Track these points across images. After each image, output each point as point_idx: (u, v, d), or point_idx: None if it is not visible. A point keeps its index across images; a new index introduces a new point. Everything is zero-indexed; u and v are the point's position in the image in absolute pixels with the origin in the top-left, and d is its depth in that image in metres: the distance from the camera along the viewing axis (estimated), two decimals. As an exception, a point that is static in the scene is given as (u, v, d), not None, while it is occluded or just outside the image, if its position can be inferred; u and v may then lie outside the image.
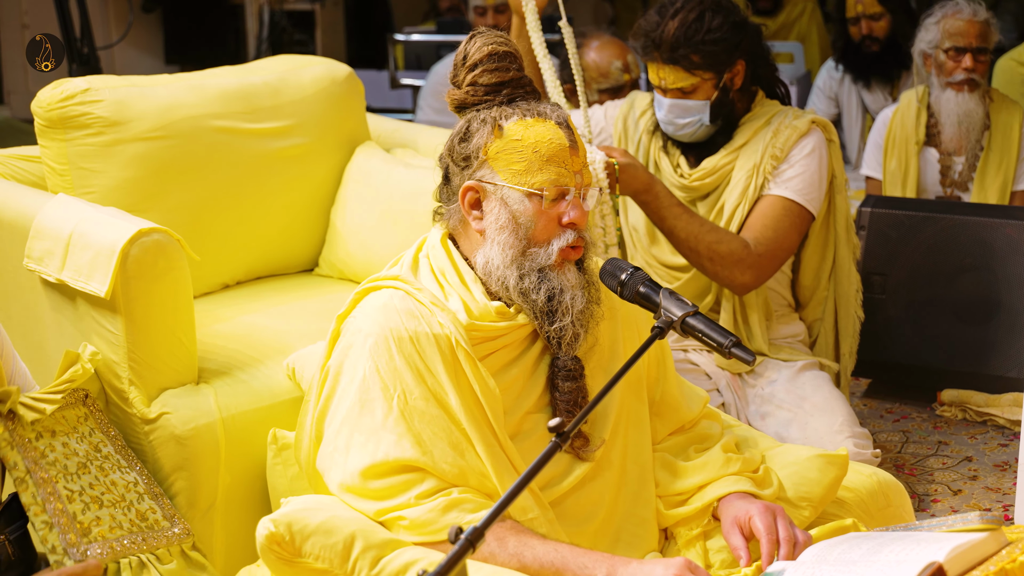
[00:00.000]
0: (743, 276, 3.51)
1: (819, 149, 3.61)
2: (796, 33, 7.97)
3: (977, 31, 4.86)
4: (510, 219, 2.40)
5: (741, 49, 3.58)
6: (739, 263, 3.49)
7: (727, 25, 3.55)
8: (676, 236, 3.50)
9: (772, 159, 3.58)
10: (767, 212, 3.57)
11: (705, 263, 3.51)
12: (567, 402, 2.45)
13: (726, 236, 3.50)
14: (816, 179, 3.60)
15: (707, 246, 3.48)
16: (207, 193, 3.39)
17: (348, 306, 2.50)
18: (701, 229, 3.48)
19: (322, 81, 3.66)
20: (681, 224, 3.48)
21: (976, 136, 4.90)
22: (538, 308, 2.41)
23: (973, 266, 4.43)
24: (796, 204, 3.58)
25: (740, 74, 3.61)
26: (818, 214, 3.67)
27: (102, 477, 2.55)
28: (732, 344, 2.26)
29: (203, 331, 3.12)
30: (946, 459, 4.12)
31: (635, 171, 3.44)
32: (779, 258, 3.57)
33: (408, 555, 2.25)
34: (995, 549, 2.06)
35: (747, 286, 3.55)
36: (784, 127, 3.61)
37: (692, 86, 3.58)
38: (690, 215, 3.49)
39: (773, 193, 3.58)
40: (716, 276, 3.54)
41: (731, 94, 3.62)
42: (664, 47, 3.55)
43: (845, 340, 3.86)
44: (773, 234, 3.55)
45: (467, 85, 2.49)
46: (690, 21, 3.53)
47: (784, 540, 2.33)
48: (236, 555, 2.89)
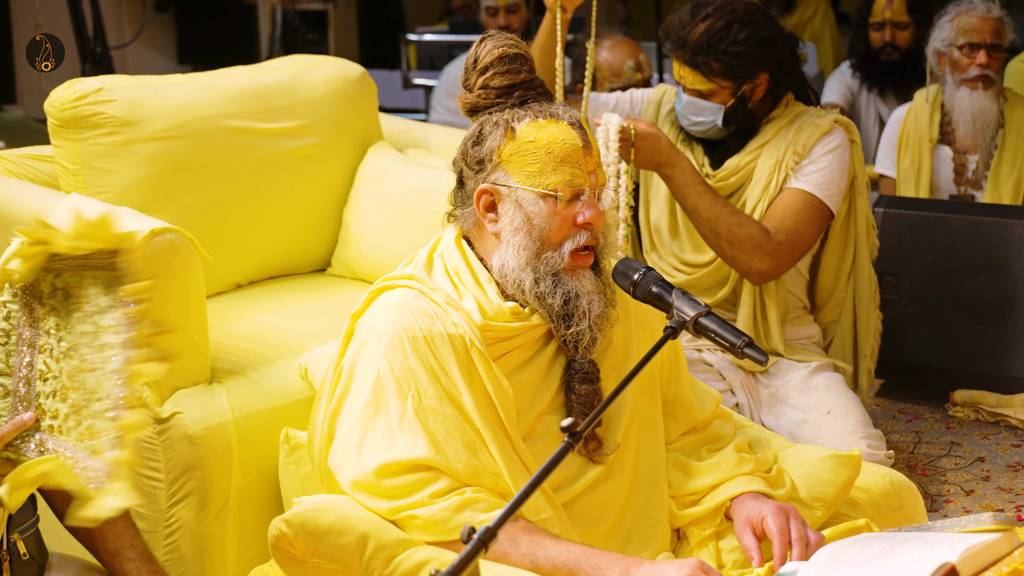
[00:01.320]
0: (761, 263, 3.51)
1: (842, 148, 3.61)
2: (809, 33, 7.96)
3: (991, 27, 4.85)
4: (525, 220, 2.40)
5: (766, 64, 3.57)
6: (758, 249, 3.49)
7: (753, 40, 3.53)
8: (698, 215, 3.51)
9: (794, 155, 3.58)
10: (788, 203, 3.57)
11: (724, 245, 3.51)
12: (583, 404, 2.45)
13: (747, 220, 3.50)
14: (837, 176, 3.60)
15: (727, 228, 3.48)
16: (220, 193, 3.39)
17: (362, 305, 2.50)
18: (724, 211, 3.49)
19: (335, 81, 3.67)
20: (704, 203, 3.48)
21: (991, 134, 4.89)
22: (555, 312, 2.41)
23: (986, 266, 4.43)
24: (816, 198, 3.58)
25: (762, 86, 3.60)
26: (838, 213, 3.67)
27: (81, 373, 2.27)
28: (745, 344, 2.26)
29: (216, 331, 3.12)
30: (959, 459, 4.12)
31: (657, 142, 3.44)
32: (798, 249, 3.57)
33: (420, 555, 2.25)
34: (1008, 550, 2.06)
35: (764, 274, 3.54)
36: (807, 125, 3.61)
37: (709, 91, 3.59)
38: (714, 195, 3.50)
39: (794, 186, 3.58)
40: (734, 261, 3.53)
41: (750, 104, 3.62)
42: (687, 49, 3.55)
43: (866, 341, 3.86)
44: (793, 224, 3.54)
45: (479, 88, 2.49)
46: (717, 29, 3.53)
47: (796, 540, 2.32)
48: (248, 555, 2.89)
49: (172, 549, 2.83)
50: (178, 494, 2.83)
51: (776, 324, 3.68)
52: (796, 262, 3.62)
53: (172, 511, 2.82)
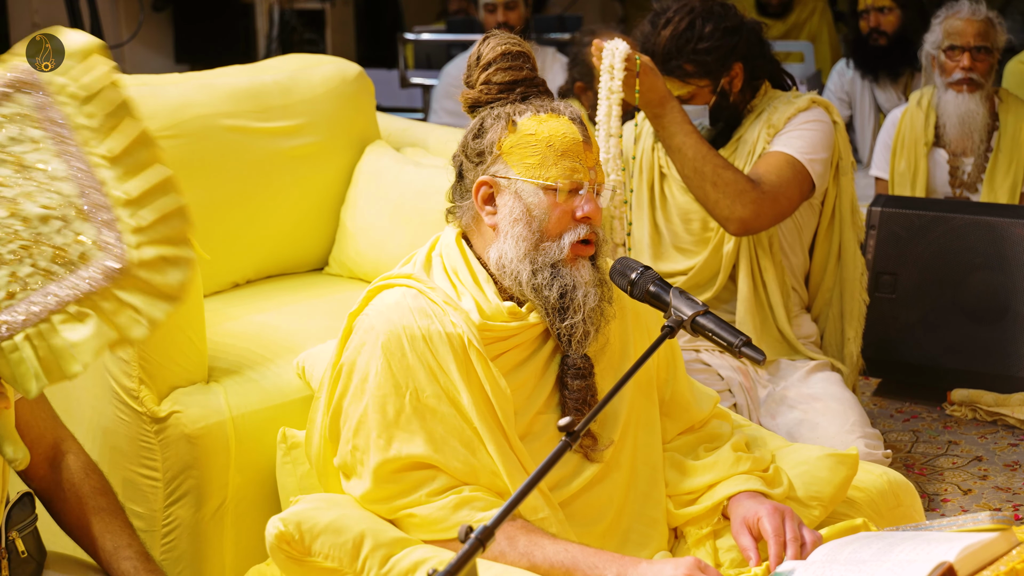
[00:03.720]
0: (744, 209, 3.46)
1: (822, 123, 3.59)
2: (807, 33, 7.98)
3: (975, 30, 4.85)
4: (524, 212, 2.40)
5: (736, 53, 3.56)
6: (741, 194, 3.45)
7: (719, 32, 3.53)
8: (683, 154, 3.46)
9: (769, 129, 3.57)
10: (769, 161, 3.54)
11: (708, 187, 3.47)
12: (576, 400, 2.45)
13: (733, 167, 3.48)
14: (818, 142, 3.57)
15: (713, 168, 3.45)
16: (217, 192, 3.39)
17: (360, 304, 2.50)
18: (710, 152, 3.46)
19: (332, 80, 3.67)
20: (691, 141, 3.45)
21: (980, 136, 4.90)
22: (550, 305, 2.41)
23: (984, 266, 4.43)
24: (797, 161, 3.54)
25: (739, 76, 3.60)
26: (823, 193, 3.65)
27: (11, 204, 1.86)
28: (742, 343, 2.26)
29: (213, 330, 3.12)
30: (956, 459, 4.12)
31: (656, 78, 3.41)
32: (779, 205, 3.52)
33: (418, 554, 2.25)
34: (1005, 549, 2.06)
35: (744, 221, 3.49)
36: (782, 104, 3.61)
37: (689, 94, 3.58)
38: (700, 138, 3.46)
39: (773, 148, 3.56)
40: (716, 205, 3.49)
41: (731, 97, 3.61)
42: (657, 59, 3.53)
43: (851, 324, 3.82)
44: (776, 179, 3.51)
45: (481, 84, 2.50)
46: (681, 30, 3.52)
47: (791, 541, 2.32)
48: (246, 554, 2.89)
49: (169, 548, 2.83)
50: (175, 493, 2.83)
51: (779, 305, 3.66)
52: (776, 221, 3.57)
53: (169, 510, 2.83)
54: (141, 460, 2.82)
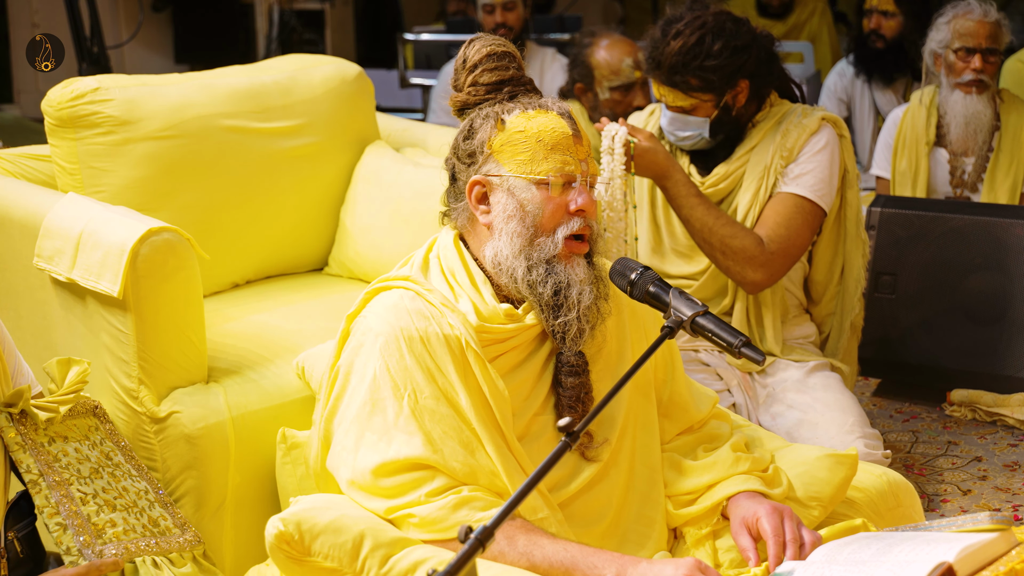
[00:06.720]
0: (755, 274, 3.51)
1: (830, 145, 3.60)
2: (807, 33, 7.97)
3: (987, 32, 4.84)
4: (518, 208, 2.41)
5: (743, 71, 3.55)
6: (751, 260, 3.49)
7: (727, 51, 3.51)
8: (691, 225, 3.52)
9: (782, 158, 3.57)
10: (779, 210, 3.56)
11: (718, 256, 3.51)
12: (570, 398, 2.45)
13: (740, 231, 3.49)
14: (827, 175, 3.59)
15: (720, 239, 3.48)
16: (217, 192, 3.39)
17: (358, 306, 2.50)
18: (716, 222, 3.49)
19: (332, 80, 3.67)
20: (697, 214, 3.49)
21: (984, 137, 4.89)
22: (544, 301, 2.41)
23: (983, 266, 4.43)
24: (808, 201, 3.57)
25: (743, 92, 3.59)
26: (830, 210, 3.67)
27: (114, 483, 2.57)
28: (742, 344, 2.26)
29: (213, 330, 3.12)
30: (956, 459, 4.12)
31: (654, 156, 3.44)
32: (792, 256, 3.57)
33: (417, 554, 2.25)
34: (1005, 549, 2.06)
35: (758, 284, 3.54)
36: (794, 126, 3.60)
37: (692, 106, 3.58)
38: (707, 206, 3.50)
39: (785, 191, 3.57)
40: (728, 271, 3.54)
41: (734, 111, 3.60)
42: (663, 69, 3.54)
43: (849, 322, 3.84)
44: (786, 232, 3.54)
45: (468, 86, 2.50)
46: (690, 46, 3.50)
47: (790, 541, 2.32)
48: (245, 554, 2.89)
49: (169, 548, 2.83)
50: (175, 493, 2.83)
51: (771, 327, 3.68)
52: (790, 268, 3.61)
53: (169, 510, 2.82)
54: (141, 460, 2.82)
